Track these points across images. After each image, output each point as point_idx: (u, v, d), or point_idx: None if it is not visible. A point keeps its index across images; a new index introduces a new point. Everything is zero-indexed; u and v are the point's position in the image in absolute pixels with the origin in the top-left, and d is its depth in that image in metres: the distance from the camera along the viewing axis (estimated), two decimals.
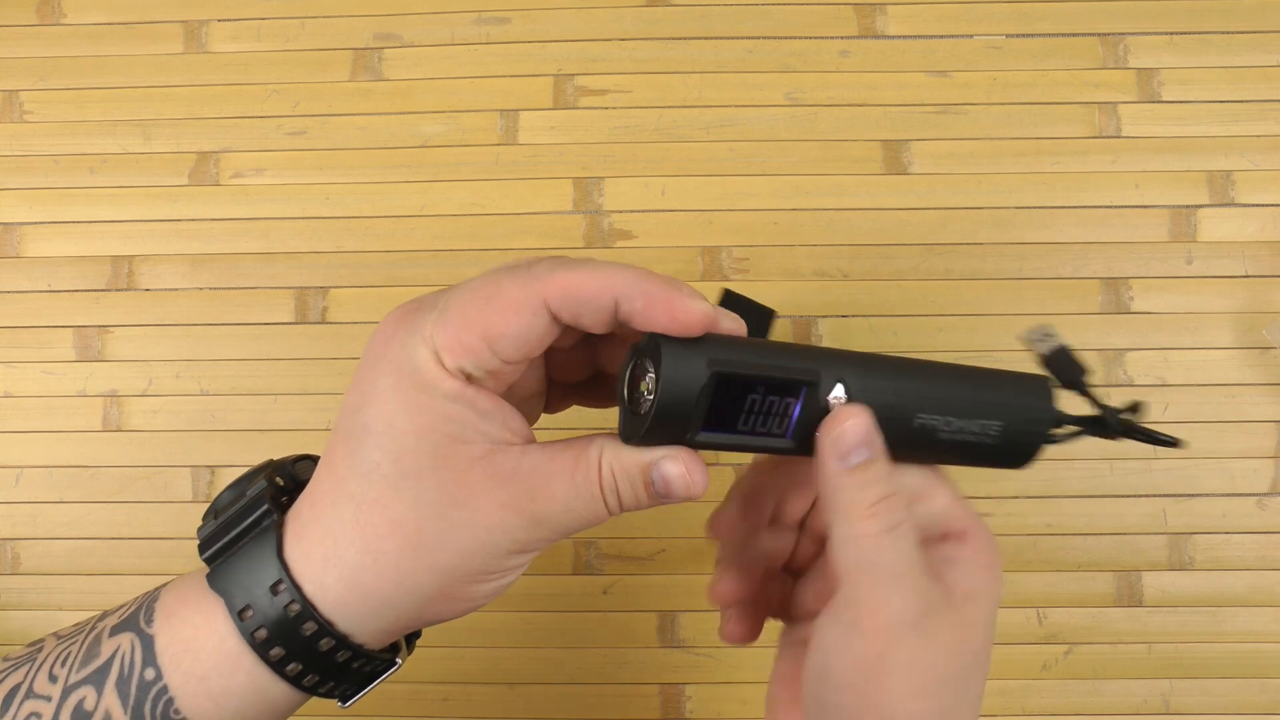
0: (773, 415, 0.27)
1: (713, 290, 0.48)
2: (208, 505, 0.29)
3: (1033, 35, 0.50)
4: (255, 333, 0.49)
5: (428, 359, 0.26)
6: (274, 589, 0.26)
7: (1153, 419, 0.47)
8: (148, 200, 0.50)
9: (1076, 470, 0.47)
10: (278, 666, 0.26)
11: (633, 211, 0.49)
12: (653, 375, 0.26)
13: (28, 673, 0.27)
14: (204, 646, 0.26)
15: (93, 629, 0.28)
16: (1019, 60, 0.50)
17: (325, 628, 0.26)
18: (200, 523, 0.29)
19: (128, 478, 0.48)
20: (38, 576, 0.48)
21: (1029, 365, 0.47)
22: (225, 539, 0.27)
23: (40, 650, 0.28)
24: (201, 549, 0.28)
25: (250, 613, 0.26)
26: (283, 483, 0.29)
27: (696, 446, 0.27)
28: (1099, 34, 0.50)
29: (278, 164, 0.50)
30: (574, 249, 0.49)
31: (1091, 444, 0.47)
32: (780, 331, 0.48)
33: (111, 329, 0.49)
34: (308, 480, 0.28)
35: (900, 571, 0.26)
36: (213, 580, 0.27)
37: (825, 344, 0.48)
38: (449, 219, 0.49)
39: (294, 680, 0.27)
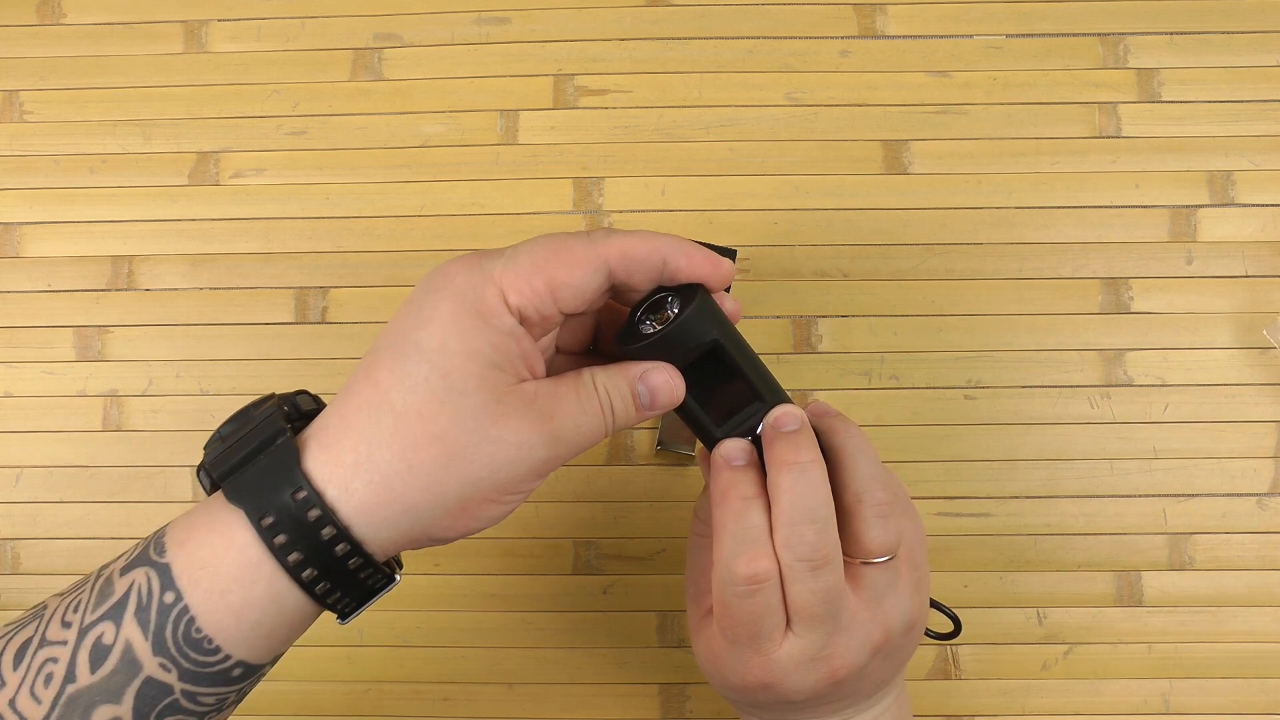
0: (714, 404, 0.33)
1: None
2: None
3: (1033, 35, 0.50)
4: (255, 333, 0.49)
5: (493, 294, 0.29)
6: (294, 496, 0.27)
7: (1153, 419, 0.47)
8: (148, 200, 0.50)
9: (1076, 470, 0.47)
10: (295, 571, 0.28)
11: (633, 211, 0.49)
12: (675, 311, 0.32)
13: (37, 627, 0.28)
14: (222, 561, 0.28)
15: (99, 575, 0.29)
16: (1019, 60, 0.50)
17: (343, 532, 0.28)
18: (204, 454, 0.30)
19: (128, 478, 0.48)
20: (38, 576, 0.48)
21: (1027, 367, 0.48)
22: (239, 457, 0.28)
23: (44, 609, 0.29)
24: (211, 470, 0.29)
25: (270, 520, 0.27)
26: (288, 409, 0.30)
27: None
28: (1099, 34, 0.50)
29: (278, 164, 0.50)
30: None
31: (1091, 444, 0.47)
32: (780, 331, 0.48)
33: (111, 329, 0.49)
34: (309, 410, 0.31)
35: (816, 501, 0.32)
36: (230, 494, 0.28)
37: (825, 344, 0.48)
38: (449, 219, 0.49)
39: (308, 586, 0.28)
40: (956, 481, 0.47)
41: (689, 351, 0.32)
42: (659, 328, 0.31)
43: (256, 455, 0.28)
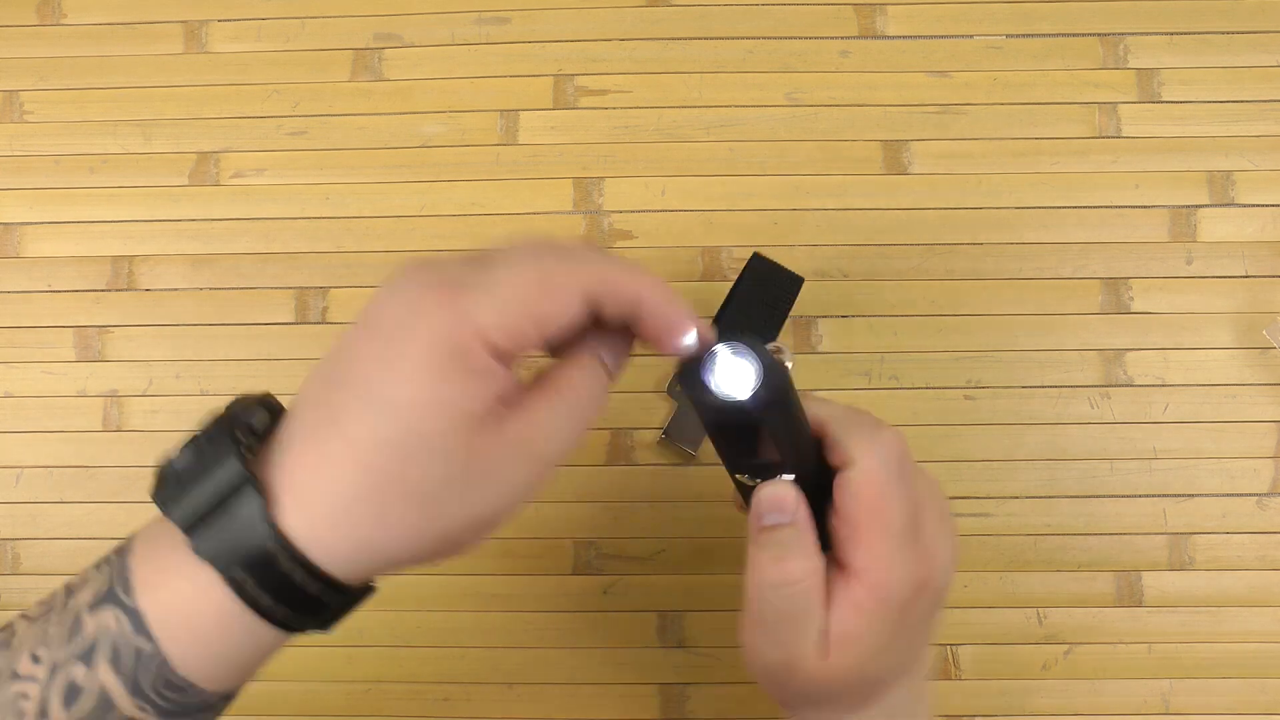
0: (743, 448, 0.31)
1: (713, 298, 0.48)
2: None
3: (1033, 35, 0.50)
4: (255, 333, 0.49)
5: (470, 338, 0.26)
6: (268, 551, 0.27)
7: (1153, 419, 0.47)
8: (148, 200, 0.50)
9: (1076, 470, 0.47)
10: (274, 617, 0.27)
11: (633, 211, 0.49)
12: (748, 382, 0.29)
13: (7, 660, 0.28)
14: (199, 612, 0.27)
15: (65, 606, 0.28)
16: (1019, 60, 0.50)
17: (318, 578, 0.27)
18: (154, 484, 0.28)
19: (128, 478, 0.48)
20: (38, 576, 0.48)
21: (1027, 367, 0.48)
22: (201, 503, 0.27)
23: (13, 636, 0.29)
24: (170, 512, 0.27)
25: (243, 575, 0.27)
26: (244, 439, 0.29)
27: (698, 412, 0.31)
28: (1099, 34, 0.50)
29: (278, 164, 0.50)
30: None
31: (1091, 443, 0.47)
32: (781, 331, 0.48)
33: (111, 329, 0.49)
34: (265, 431, 0.29)
35: (771, 624, 0.31)
36: (200, 547, 0.27)
37: (825, 344, 0.48)
38: (449, 219, 0.49)
39: (287, 625, 0.28)
40: (956, 481, 0.47)
41: (737, 418, 0.30)
42: (727, 398, 0.29)
43: (219, 504, 0.27)
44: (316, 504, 0.27)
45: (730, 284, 0.46)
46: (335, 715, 0.47)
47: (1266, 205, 0.48)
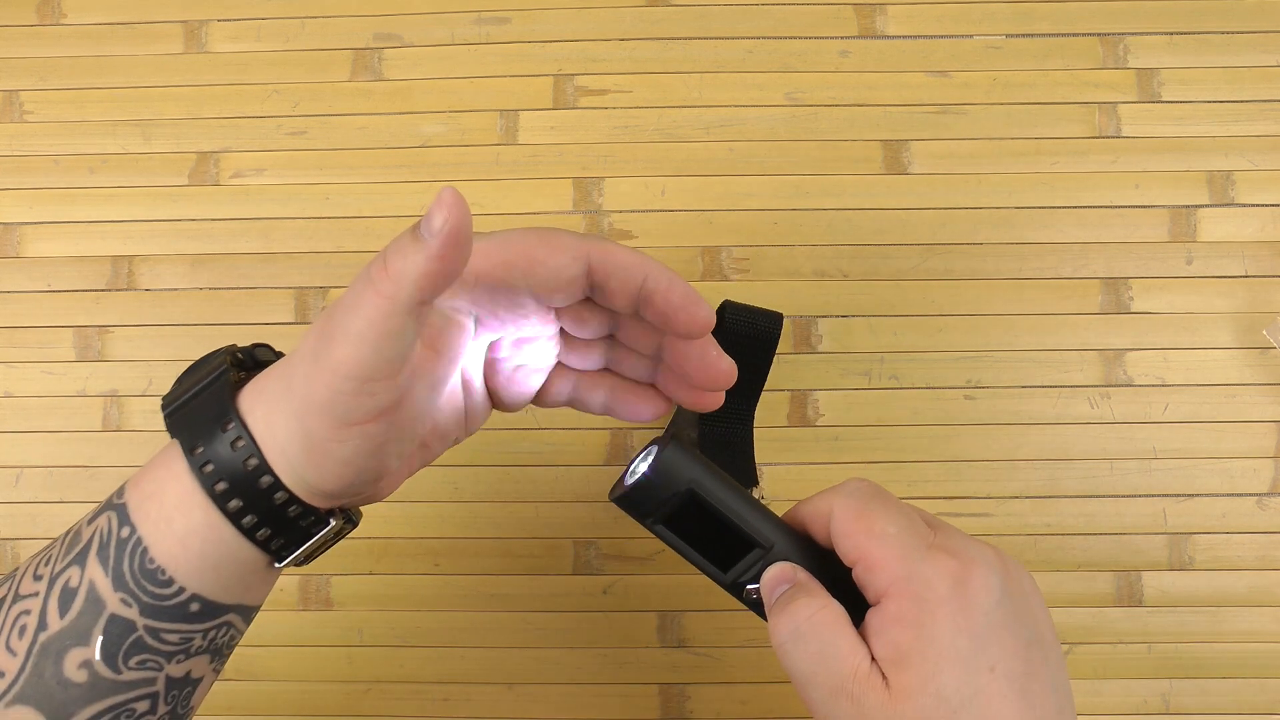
0: (721, 550, 0.33)
1: (712, 296, 0.48)
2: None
3: (1033, 35, 0.50)
4: (255, 333, 0.49)
5: None
6: (222, 427, 0.28)
7: (1153, 419, 0.47)
8: (148, 200, 0.50)
9: (1076, 470, 0.47)
10: (221, 501, 0.28)
11: (633, 211, 0.49)
12: (649, 459, 0.32)
13: (10, 586, 0.29)
14: (166, 490, 0.29)
15: (69, 530, 0.30)
16: (1019, 60, 0.50)
17: (264, 464, 0.28)
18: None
19: (128, 478, 0.48)
20: None
21: (1027, 367, 0.48)
22: (185, 396, 0.30)
23: (16, 570, 0.30)
24: (164, 407, 0.30)
25: (200, 449, 0.28)
26: (242, 357, 0.32)
27: (652, 532, 0.33)
28: (1099, 34, 0.50)
29: (278, 164, 0.50)
30: None
31: (1091, 444, 0.47)
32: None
33: (111, 329, 0.49)
34: (265, 360, 0.32)
35: (810, 674, 0.30)
36: (170, 426, 0.29)
37: (825, 345, 0.48)
38: None
39: (235, 518, 0.28)
40: (956, 481, 0.47)
41: (667, 501, 0.32)
42: (634, 476, 0.32)
43: (200, 394, 0.29)
44: (271, 384, 0.29)
45: (729, 284, 0.46)
46: (335, 715, 0.47)
47: (1266, 205, 0.48)
